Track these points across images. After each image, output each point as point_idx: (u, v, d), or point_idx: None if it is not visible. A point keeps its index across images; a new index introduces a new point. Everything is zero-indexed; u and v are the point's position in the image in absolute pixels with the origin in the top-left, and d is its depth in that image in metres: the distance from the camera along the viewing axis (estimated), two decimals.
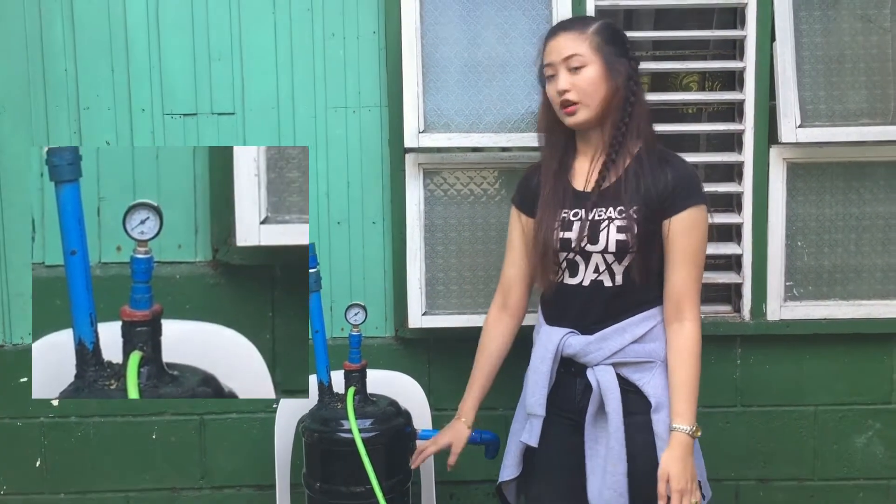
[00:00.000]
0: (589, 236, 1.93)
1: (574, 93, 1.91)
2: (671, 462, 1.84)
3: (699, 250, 1.92)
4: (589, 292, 1.95)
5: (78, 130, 2.52)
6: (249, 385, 1.70)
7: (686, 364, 1.89)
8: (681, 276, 1.91)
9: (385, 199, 2.57)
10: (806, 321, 2.59)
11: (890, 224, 2.58)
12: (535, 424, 2.00)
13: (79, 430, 2.61)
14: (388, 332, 2.61)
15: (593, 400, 1.93)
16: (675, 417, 1.87)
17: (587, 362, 1.95)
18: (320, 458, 2.19)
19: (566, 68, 1.91)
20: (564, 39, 1.92)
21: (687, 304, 1.91)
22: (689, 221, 1.90)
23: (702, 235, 1.92)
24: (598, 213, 1.94)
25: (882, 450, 2.68)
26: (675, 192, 1.90)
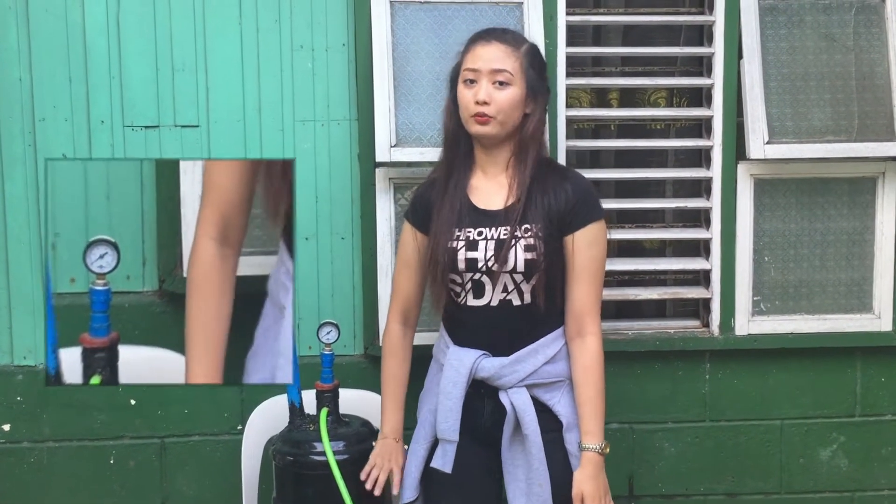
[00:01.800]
0: (496, 256, 1.90)
1: (493, 107, 1.90)
2: (584, 481, 1.88)
3: (600, 265, 1.95)
4: (497, 312, 1.94)
5: (32, 143, 2.42)
6: None
7: (590, 381, 1.91)
8: (583, 291, 1.92)
9: (354, 214, 2.52)
10: (773, 335, 2.62)
11: (853, 239, 2.63)
12: (448, 450, 1.96)
13: (31, 456, 2.50)
14: (356, 350, 2.56)
15: (508, 422, 1.92)
16: (584, 436, 1.90)
17: (501, 385, 1.93)
18: (293, 482, 2.13)
19: (490, 80, 1.90)
20: (496, 50, 1.92)
21: (589, 318, 1.92)
22: (590, 237, 1.92)
23: (602, 250, 1.96)
24: (503, 231, 1.92)
25: (846, 462, 2.72)
26: (577, 208, 1.92)
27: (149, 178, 2.36)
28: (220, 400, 2.52)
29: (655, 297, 2.61)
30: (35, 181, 2.42)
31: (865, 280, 2.65)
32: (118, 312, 1.80)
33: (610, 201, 2.60)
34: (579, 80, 2.55)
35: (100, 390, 2.47)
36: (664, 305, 2.73)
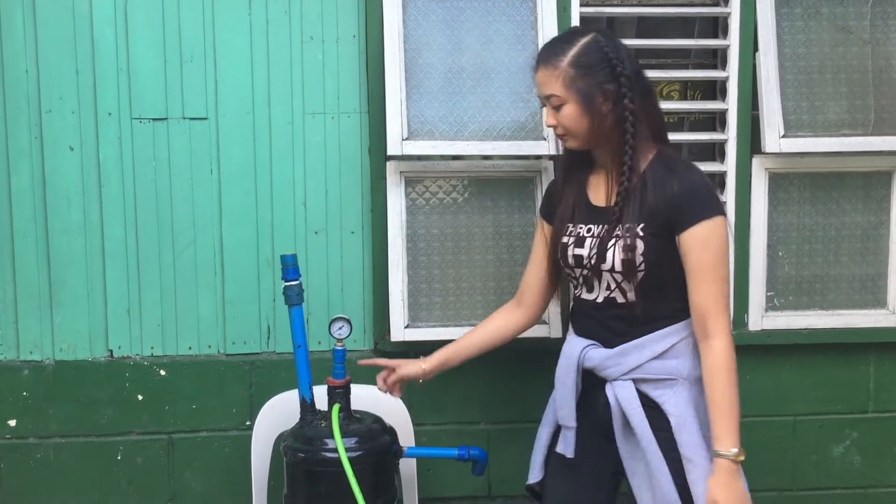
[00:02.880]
0: (597, 254, 1.88)
1: (560, 127, 1.90)
2: (717, 488, 1.78)
3: (716, 264, 1.83)
4: (604, 309, 1.92)
5: (39, 136, 2.38)
6: (396, 422, 2.29)
7: (715, 384, 1.81)
8: (700, 292, 1.83)
9: (364, 207, 2.49)
10: (786, 331, 2.59)
11: (868, 234, 2.60)
12: (568, 436, 1.96)
13: (38, 452, 2.46)
14: (366, 345, 2.53)
15: (616, 416, 1.89)
16: (714, 441, 1.80)
17: (606, 376, 1.91)
18: (304, 478, 2.10)
19: (548, 104, 1.90)
20: (541, 76, 1.89)
21: (711, 320, 1.82)
22: (700, 236, 1.82)
23: (717, 249, 1.83)
24: (606, 230, 1.89)
25: (859, 459, 2.69)
26: (683, 207, 1.82)
27: (368, 267, 2.51)
28: (227, 396, 2.49)
29: None
30: (42, 174, 2.39)
31: (880, 275, 2.62)
32: (349, 364, 2.22)
33: None
34: None
35: (106, 384, 2.46)
36: None
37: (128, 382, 2.47)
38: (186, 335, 2.48)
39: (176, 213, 2.44)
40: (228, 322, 2.48)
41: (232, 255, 2.46)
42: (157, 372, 2.47)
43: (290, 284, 2.17)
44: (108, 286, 2.44)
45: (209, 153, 2.43)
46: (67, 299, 2.43)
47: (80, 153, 2.39)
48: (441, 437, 2.55)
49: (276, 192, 2.46)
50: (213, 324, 2.48)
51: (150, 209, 2.43)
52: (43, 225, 2.40)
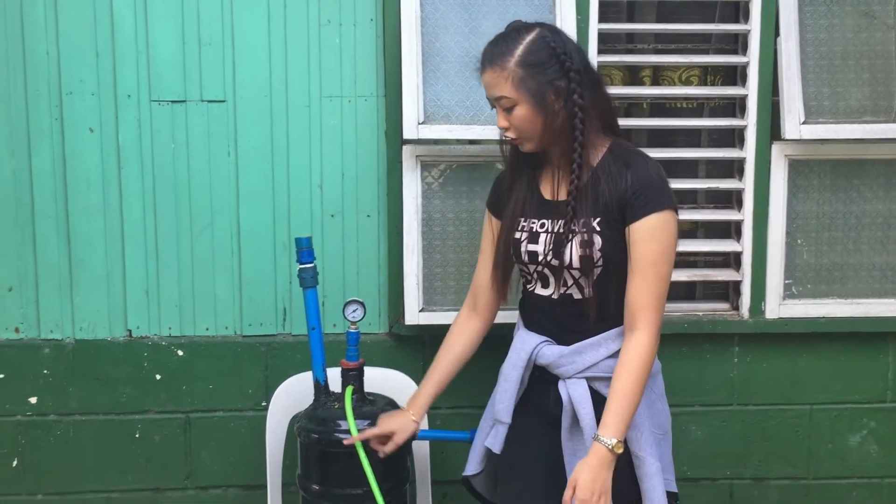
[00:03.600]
0: (553, 251, 1.86)
1: (512, 130, 1.85)
2: (582, 470, 1.76)
3: (660, 259, 1.80)
4: (559, 305, 1.89)
5: (59, 117, 2.41)
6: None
7: (625, 376, 1.78)
8: (638, 285, 1.80)
9: (381, 191, 2.49)
10: (804, 319, 2.57)
11: (889, 222, 2.57)
12: (499, 431, 1.95)
13: (58, 429, 2.51)
14: (381, 328, 2.55)
15: (566, 412, 1.88)
16: (601, 428, 1.77)
17: (560, 374, 1.89)
18: (318, 459, 2.12)
19: (499, 107, 1.85)
20: (489, 78, 1.83)
21: (641, 314, 1.79)
22: (648, 229, 1.79)
23: (664, 243, 1.80)
24: (560, 225, 1.86)
25: (876, 448, 2.68)
26: (634, 198, 1.80)
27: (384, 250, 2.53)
28: (243, 376, 2.52)
29: (685, 279, 2.57)
30: (62, 155, 2.42)
31: None
32: (363, 347, 2.27)
33: None
34: (611, 58, 2.50)
35: (125, 363, 2.49)
36: (694, 288, 2.68)
37: (146, 362, 2.50)
38: (204, 316, 2.50)
39: (194, 195, 2.46)
40: (245, 304, 2.51)
41: (249, 238, 2.48)
42: (175, 352, 2.50)
43: (304, 267, 2.19)
44: (126, 267, 2.47)
45: (227, 136, 2.44)
46: (87, 280, 2.46)
47: (99, 135, 2.42)
48: (455, 420, 2.56)
49: (293, 175, 2.47)
50: (229, 305, 2.50)
51: (168, 191, 2.45)
52: (63, 206, 2.43)
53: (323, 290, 2.49)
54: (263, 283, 2.50)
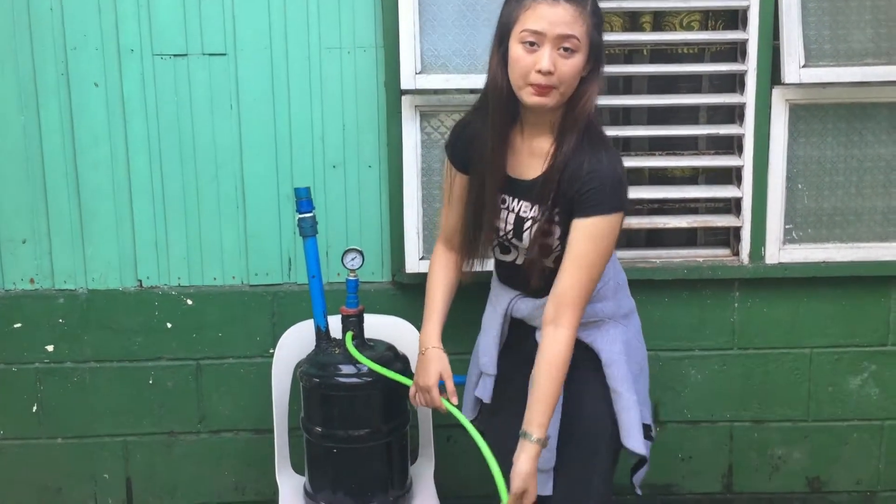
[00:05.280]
0: (514, 232, 1.86)
1: (556, 77, 1.70)
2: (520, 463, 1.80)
3: (596, 259, 1.77)
4: (525, 269, 1.89)
5: (65, 72, 2.45)
6: (411, 351, 2.29)
7: (546, 372, 1.78)
8: (569, 280, 1.77)
9: (381, 142, 2.52)
10: (804, 264, 2.59)
11: (892, 166, 2.56)
12: (487, 382, 2.01)
13: (74, 376, 2.60)
14: (384, 277, 2.59)
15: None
16: (526, 424, 1.79)
17: (536, 325, 1.91)
18: (319, 402, 2.19)
19: (555, 46, 1.69)
20: (565, 12, 1.67)
21: (567, 310, 1.78)
22: (592, 228, 1.75)
23: (604, 246, 1.77)
24: (523, 207, 1.85)
25: (877, 391, 2.70)
26: (586, 195, 1.75)
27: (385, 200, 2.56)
28: (251, 325, 2.59)
29: (685, 225, 2.58)
30: (69, 110, 2.47)
31: None
32: (366, 295, 2.39)
33: (641, 128, 2.57)
34: (611, 4, 2.49)
35: (136, 312, 2.57)
36: (694, 234, 2.70)
37: (157, 311, 2.57)
38: (211, 266, 2.57)
39: (198, 148, 2.50)
40: (251, 254, 2.56)
41: (253, 189, 2.53)
42: (185, 301, 2.57)
43: (303, 216, 2.24)
44: (135, 219, 2.53)
45: (228, 89, 2.48)
46: (98, 231, 2.53)
47: (104, 90, 2.46)
48: (459, 366, 2.58)
49: (295, 127, 2.50)
50: (236, 255, 2.56)
51: (173, 144, 2.50)
52: (72, 160, 2.49)
53: (326, 240, 2.54)
54: (268, 234, 2.56)
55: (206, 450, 2.66)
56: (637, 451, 1.91)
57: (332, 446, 2.18)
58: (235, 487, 2.69)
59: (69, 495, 2.67)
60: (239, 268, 2.57)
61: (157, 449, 2.65)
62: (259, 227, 2.55)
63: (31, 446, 2.63)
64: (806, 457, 2.73)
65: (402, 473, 2.26)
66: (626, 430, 1.90)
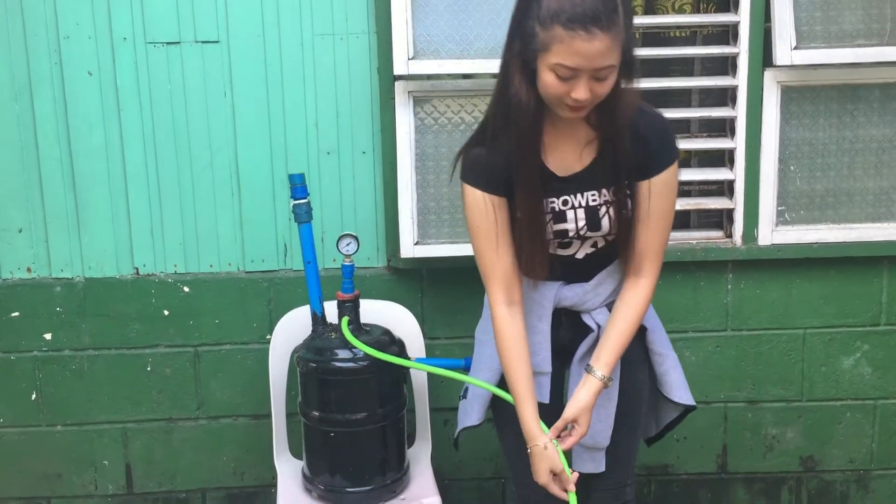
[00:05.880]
0: (589, 225, 1.80)
1: (591, 98, 1.62)
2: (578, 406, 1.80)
3: (670, 209, 1.81)
4: (582, 262, 1.87)
5: (59, 61, 2.45)
6: (407, 335, 2.41)
7: (629, 318, 1.81)
8: (652, 234, 1.79)
9: (375, 128, 2.53)
10: (797, 245, 2.60)
11: (883, 147, 2.57)
12: (543, 382, 1.91)
13: (73, 364, 2.62)
14: (380, 262, 2.61)
15: (589, 339, 1.90)
16: (595, 360, 1.81)
17: (584, 309, 1.90)
18: (316, 387, 2.21)
19: (592, 77, 1.59)
20: (601, 45, 1.53)
21: (649, 263, 1.81)
22: (665, 182, 1.76)
23: (674, 193, 1.80)
24: (591, 197, 1.79)
25: (870, 371, 2.72)
26: (655, 153, 1.74)
27: (379, 186, 2.57)
28: (248, 311, 2.60)
29: (679, 207, 2.57)
30: (63, 98, 2.47)
31: (894, 188, 2.60)
32: (362, 280, 2.43)
33: None
34: None
35: (133, 300, 2.58)
36: (687, 216, 2.71)
37: (154, 298, 2.59)
38: (207, 253, 2.58)
39: (192, 135, 2.51)
40: (247, 241, 2.57)
41: (248, 177, 2.54)
42: (181, 288, 2.59)
43: (298, 202, 2.25)
44: (130, 207, 2.54)
45: (222, 76, 2.48)
46: (93, 219, 2.54)
47: (98, 78, 2.47)
48: (455, 350, 2.64)
49: (289, 114, 2.51)
50: (232, 242, 2.57)
51: (167, 132, 2.50)
52: (67, 148, 2.50)
53: (321, 226, 2.56)
54: (263, 221, 2.57)
55: (204, 435, 2.68)
56: (688, 403, 1.97)
57: (330, 430, 2.20)
58: (234, 472, 2.71)
59: (69, 481, 2.69)
60: (235, 254, 2.58)
61: (157, 435, 2.67)
62: (254, 213, 2.56)
63: (30, 433, 2.65)
64: (800, 436, 2.76)
65: (399, 456, 2.29)
66: (674, 387, 1.96)
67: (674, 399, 1.97)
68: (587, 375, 1.82)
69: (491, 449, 2.55)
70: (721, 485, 2.79)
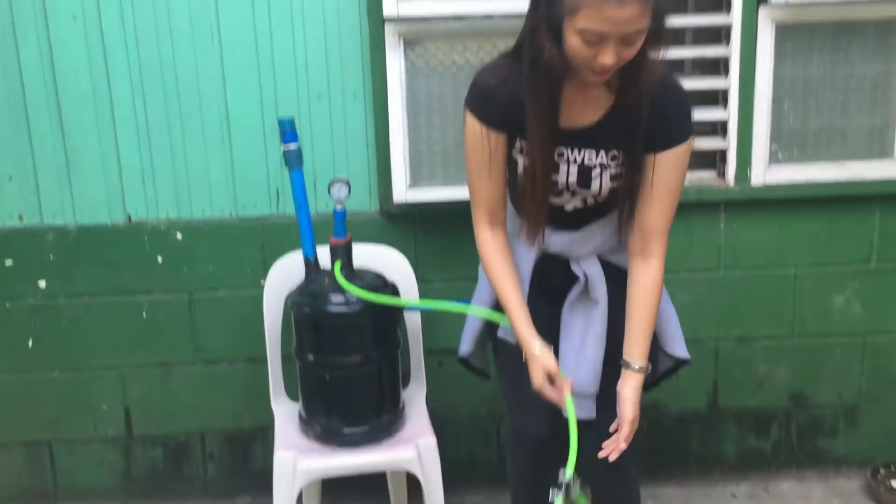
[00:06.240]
0: (579, 182, 1.80)
1: (617, 62, 1.60)
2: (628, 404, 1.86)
3: (679, 187, 1.79)
4: (571, 214, 1.88)
5: (43, 7, 2.40)
6: (400, 279, 2.41)
7: (649, 304, 1.83)
8: (657, 211, 1.78)
9: (365, 71, 2.50)
10: (789, 185, 2.60)
11: (877, 84, 2.56)
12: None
13: (68, 311, 2.63)
14: (372, 206, 2.60)
15: (578, 286, 1.91)
16: (629, 355, 1.85)
17: (572, 257, 1.91)
18: (311, 331, 2.22)
19: (621, 42, 1.56)
20: (632, 11, 1.51)
21: (656, 241, 1.81)
22: (676, 158, 1.75)
23: (684, 171, 1.79)
24: (588, 156, 1.78)
25: (860, 308, 2.75)
26: (668, 127, 1.72)
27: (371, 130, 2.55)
28: (241, 256, 2.61)
29: None
30: (48, 44, 2.44)
31: (888, 126, 2.60)
32: (354, 225, 2.39)
33: None
34: None
35: (127, 247, 2.58)
36: None
37: (147, 245, 2.59)
38: (199, 199, 2.57)
39: (180, 80, 2.48)
40: (238, 186, 2.56)
41: (238, 122, 2.51)
42: (174, 235, 2.59)
43: (288, 148, 2.23)
44: (120, 153, 2.52)
45: (209, 20, 2.44)
46: (84, 166, 2.52)
47: (83, 23, 2.43)
48: (449, 293, 2.65)
49: (277, 58, 2.48)
50: (224, 188, 2.56)
51: (155, 77, 2.47)
52: (54, 95, 2.47)
53: (313, 171, 2.55)
54: (255, 166, 2.55)
55: (202, 380, 2.71)
56: (682, 356, 1.99)
57: (325, 373, 2.22)
58: (232, 415, 2.75)
59: (69, 425, 2.73)
60: (227, 200, 2.58)
61: (154, 380, 2.70)
62: (245, 158, 2.54)
63: (28, 380, 2.67)
64: (789, 373, 2.80)
65: (394, 398, 2.31)
66: (670, 339, 1.97)
67: (668, 352, 1.99)
68: (626, 371, 1.85)
69: (486, 389, 2.58)
70: (712, 421, 2.84)
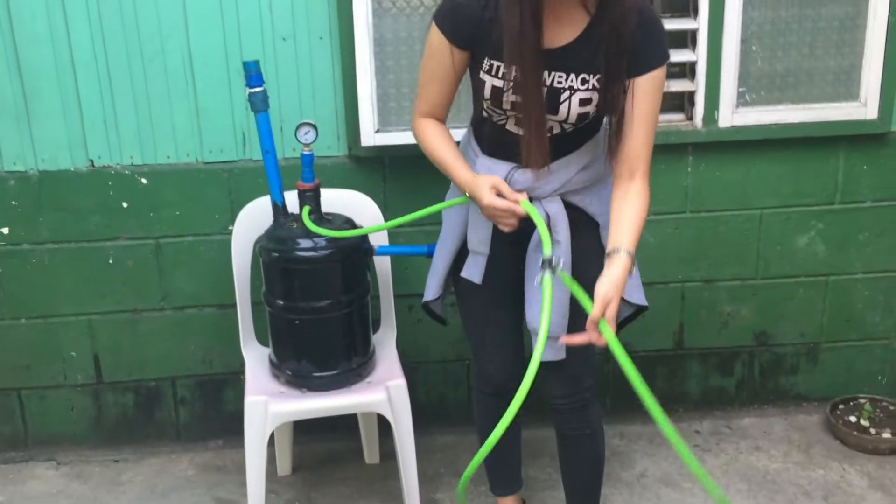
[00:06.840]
0: (547, 105, 1.76)
1: None
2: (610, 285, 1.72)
3: (657, 111, 1.79)
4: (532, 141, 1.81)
5: None
6: (369, 223, 2.39)
7: (641, 213, 1.78)
8: (639, 137, 1.78)
9: (332, 12, 2.45)
10: (756, 127, 2.61)
11: (845, 25, 2.56)
12: (479, 261, 1.98)
13: (33, 258, 2.60)
14: (340, 150, 2.58)
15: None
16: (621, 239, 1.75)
17: (535, 196, 1.88)
18: (280, 276, 2.22)
19: None
20: None
21: (640, 163, 1.80)
22: (654, 82, 1.74)
23: (661, 95, 1.78)
24: (557, 78, 1.75)
25: (823, 249, 2.79)
26: (645, 51, 1.71)
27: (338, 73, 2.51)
28: (208, 202, 2.58)
29: None
30: None
31: (854, 68, 2.61)
32: (323, 170, 2.41)
33: None
34: None
35: (90, 192, 2.55)
36: None
37: (111, 191, 2.55)
38: (164, 144, 2.53)
39: (141, 20, 2.41)
40: (204, 131, 2.53)
41: (202, 64, 2.47)
42: (139, 180, 2.55)
43: (253, 91, 2.19)
44: (81, 96, 2.47)
45: None
46: (43, 110, 2.47)
47: None
48: (417, 237, 2.65)
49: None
50: (189, 133, 2.53)
51: (114, 17, 2.41)
52: (10, 36, 2.40)
53: (280, 115, 2.51)
54: (220, 110, 2.51)
55: (171, 325, 2.70)
56: (640, 303, 1.97)
57: (294, 318, 2.22)
58: (203, 360, 2.75)
59: (38, 372, 2.72)
60: (192, 145, 2.54)
61: (122, 326, 2.69)
62: (210, 102, 2.50)
63: None
64: (753, 313, 2.85)
65: (364, 342, 2.33)
66: (630, 287, 1.90)
67: (626, 299, 1.94)
68: (614, 256, 1.73)
69: (456, 333, 2.61)
70: (677, 360, 2.89)
